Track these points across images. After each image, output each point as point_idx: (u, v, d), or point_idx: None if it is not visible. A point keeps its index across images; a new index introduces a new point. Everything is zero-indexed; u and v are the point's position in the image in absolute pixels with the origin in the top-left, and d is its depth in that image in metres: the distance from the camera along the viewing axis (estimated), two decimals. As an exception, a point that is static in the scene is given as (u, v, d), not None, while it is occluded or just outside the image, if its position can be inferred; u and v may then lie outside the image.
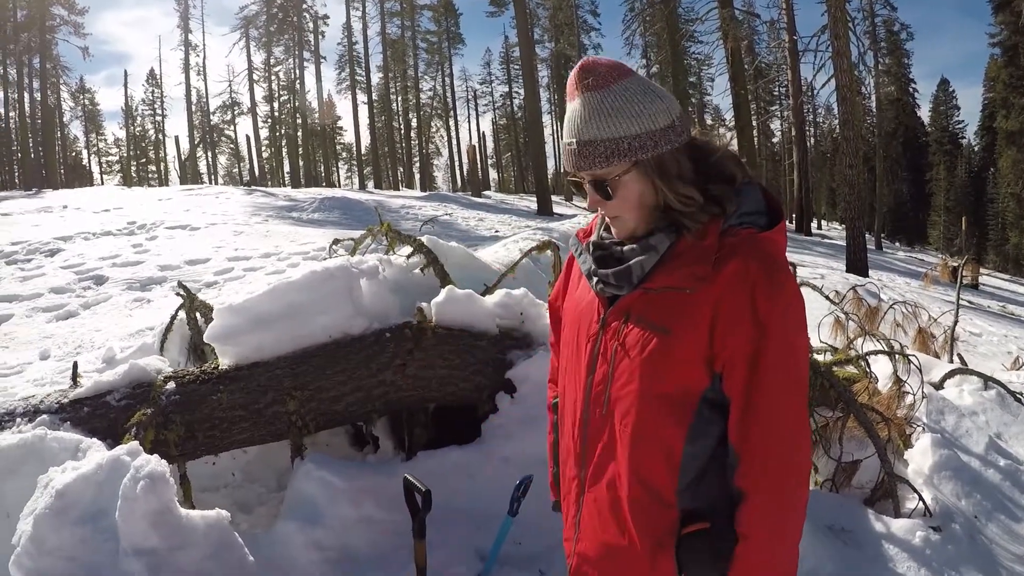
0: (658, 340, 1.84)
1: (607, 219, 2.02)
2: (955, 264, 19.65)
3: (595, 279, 2.01)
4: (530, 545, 3.79)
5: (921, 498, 4.44)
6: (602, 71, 1.85)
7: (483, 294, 4.74)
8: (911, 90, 64.57)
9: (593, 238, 2.09)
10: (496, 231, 20.28)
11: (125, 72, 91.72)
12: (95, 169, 77.86)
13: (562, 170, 2.04)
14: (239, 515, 4.39)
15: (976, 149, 66.18)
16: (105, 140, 79.34)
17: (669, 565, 1.89)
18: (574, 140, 1.85)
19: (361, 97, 62.22)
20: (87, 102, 73.85)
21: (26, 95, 54.40)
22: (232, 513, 3.51)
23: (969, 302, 15.79)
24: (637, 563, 1.95)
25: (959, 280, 10.13)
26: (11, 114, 56.42)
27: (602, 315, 1.99)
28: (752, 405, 1.80)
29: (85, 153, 77.56)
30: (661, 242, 1.87)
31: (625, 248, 1.94)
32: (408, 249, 5.21)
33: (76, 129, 74.02)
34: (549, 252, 5.59)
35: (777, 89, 59.98)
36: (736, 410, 1.82)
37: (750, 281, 1.76)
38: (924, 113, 68.61)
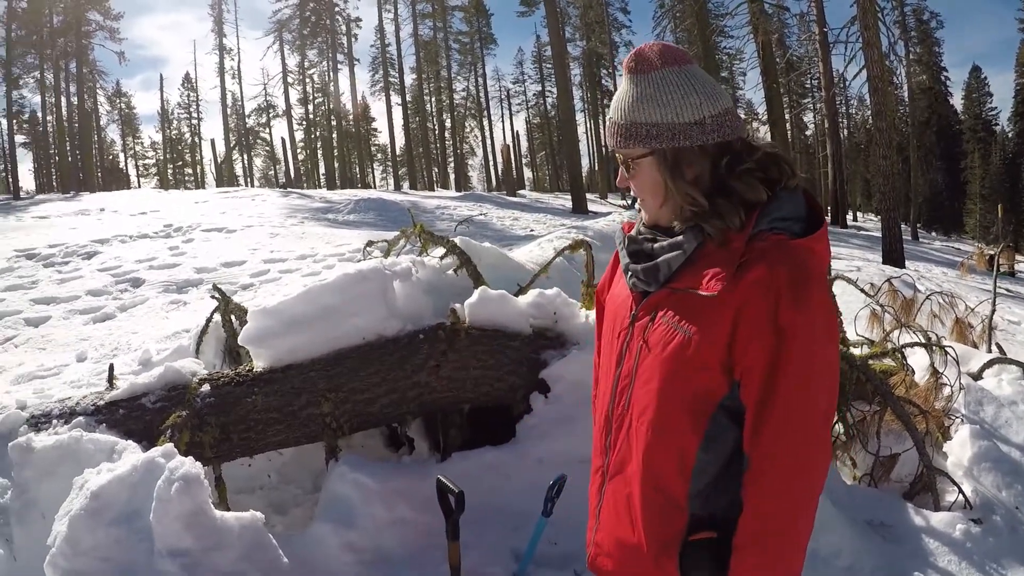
0: (679, 340, 1.84)
1: (638, 204, 2.06)
2: (991, 252, 19.41)
3: (629, 273, 2.01)
4: (565, 545, 3.77)
5: (961, 491, 4.39)
6: (649, 57, 1.89)
7: (516, 294, 4.72)
8: (943, 78, 63.92)
9: (631, 232, 2.09)
10: (531, 230, 20.26)
11: (161, 76, 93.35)
12: (132, 172, 78.83)
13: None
14: (274, 517, 4.41)
15: (1010, 135, 65.24)
16: (141, 143, 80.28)
17: (672, 570, 1.89)
18: (618, 115, 1.91)
19: (395, 98, 62.45)
20: (123, 106, 74.62)
21: (63, 99, 54.95)
22: (268, 515, 3.53)
23: (1007, 290, 15.61)
24: (643, 562, 1.95)
25: (995, 268, 10.01)
26: (49, 118, 57.06)
27: (633, 311, 2.00)
28: (764, 415, 1.76)
29: (122, 156, 78.48)
30: (689, 242, 1.86)
31: (656, 245, 1.95)
32: (441, 250, 5.20)
33: (113, 133, 74.85)
34: (582, 251, 5.55)
35: (809, 81, 59.58)
36: (750, 418, 1.80)
37: (774, 288, 1.72)
38: (957, 101, 68.14)
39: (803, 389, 1.75)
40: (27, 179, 60.85)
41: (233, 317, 5.57)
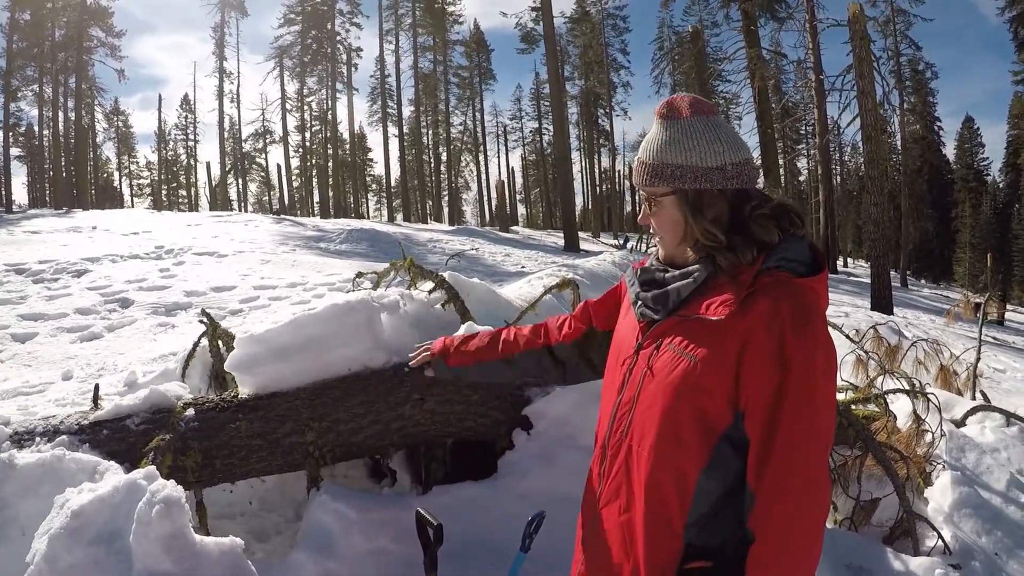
0: (685, 366, 1.93)
1: (656, 242, 2.20)
2: (978, 300, 19.50)
3: (638, 303, 2.14)
4: (543, 582, 3.79)
5: (940, 536, 4.41)
6: (680, 106, 2.06)
7: (503, 330, 4.75)
8: (936, 128, 64.57)
9: (645, 265, 2.22)
10: (522, 267, 20.37)
11: (159, 96, 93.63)
12: (126, 191, 79.08)
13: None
14: (255, 543, 4.41)
15: (1001, 186, 65.84)
16: (137, 163, 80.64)
17: None
18: (647, 155, 2.06)
19: (392, 130, 62.71)
20: (121, 124, 74.99)
21: (61, 114, 54.98)
22: (248, 541, 3.53)
23: (994, 338, 15.69)
24: None
25: (981, 317, 10.07)
26: (45, 132, 57.18)
27: (639, 340, 2.12)
28: (769, 446, 1.82)
29: (117, 175, 78.74)
30: (700, 272, 1.99)
31: (667, 275, 2.08)
32: (430, 284, 5.23)
33: (109, 150, 75.09)
34: (570, 290, 5.60)
35: (804, 128, 60.14)
36: (754, 449, 1.86)
37: (779, 321, 1.83)
38: (949, 151, 68.94)
39: (809, 421, 1.83)
40: (20, 193, 61.07)
41: (220, 342, 5.57)
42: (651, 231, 2.16)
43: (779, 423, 1.81)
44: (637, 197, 2.27)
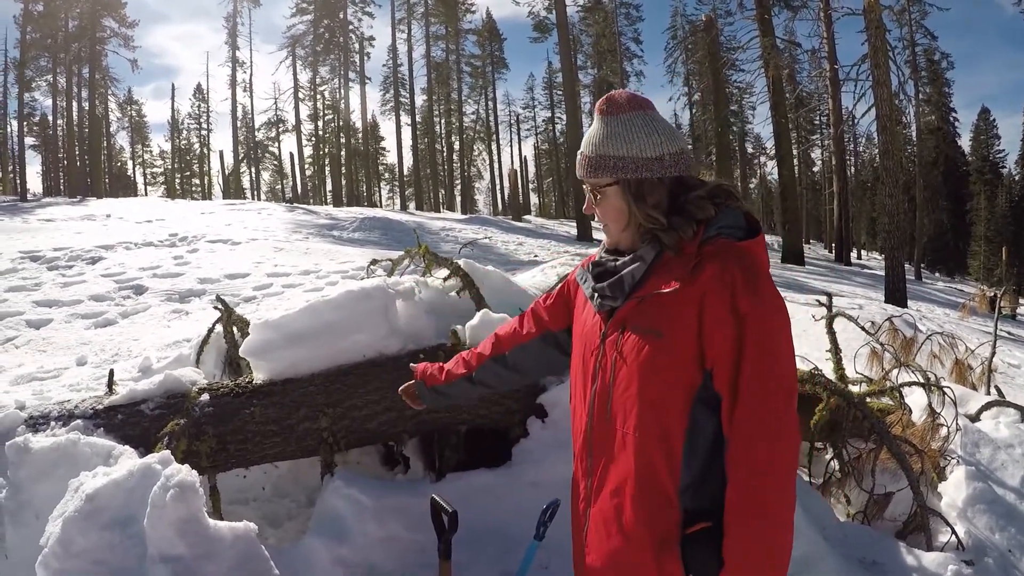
0: (651, 343, 2.03)
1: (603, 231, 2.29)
2: (993, 294, 19.37)
3: (595, 296, 2.24)
4: (557, 569, 3.78)
5: (954, 531, 4.38)
6: (618, 102, 2.19)
7: (517, 318, 4.73)
8: (951, 119, 63.88)
9: (595, 259, 2.35)
10: (535, 255, 20.35)
11: (172, 86, 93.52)
12: (139, 180, 79.21)
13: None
14: (267, 529, 4.42)
15: (1017, 178, 65.56)
16: (150, 152, 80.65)
17: (675, 566, 2.00)
18: (589, 148, 2.18)
19: (405, 119, 62.48)
20: (134, 113, 75.13)
21: (74, 104, 55.07)
22: (260, 527, 3.53)
23: (1008, 333, 15.56)
24: (643, 568, 2.05)
25: (996, 311, 10.01)
26: (59, 122, 57.27)
27: (602, 330, 2.19)
28: (736, 394, 1.95)
29: (130, 164, 78.86)
30: (647, 253, 2.12)
31: (618, 263, 2.19)
32: (445, 272, 5.21)
33: (122, 140, 75.24)
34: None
35: (818, 118, 59.85)
36: (726, 403, 1.97)
37: (728, 281, 1.95)
38: (965, 142, 68.32)
39: (769, 368, 1.95)
40: (35, 181, 61.26)
41: (235, 328, 5.58)
42: (595, 220, 2.29)
43: (742, 372, 1.94)
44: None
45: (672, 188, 2.13)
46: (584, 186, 2.25)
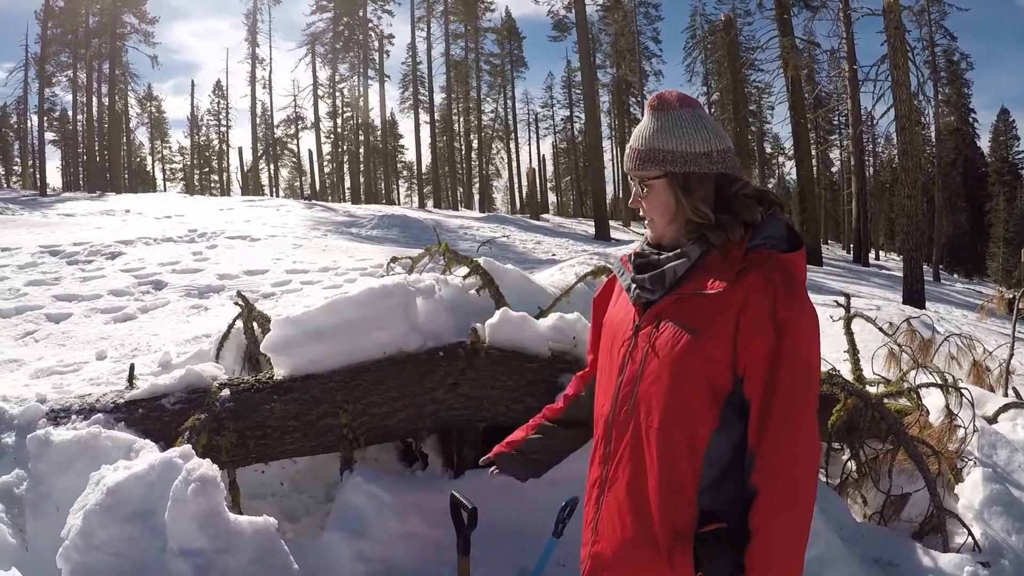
0: (687, 340, 2.06)
1: (646, 225, 2.32)
2: (1011, 296, 19.24)
3: (633, 287, 2.27)
4: (574, 566, 3.78)
5: (970, 533, 4.37)
6: (669, 99, 2.21)
7: (537, 317, 4.74)
8: (971, 120, 63.56)
9: (637, 250, 2.35)
10: (553, 254, 20.37)
11: (192, 82, 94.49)
12: (158, 176, 79.67)
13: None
14: (285, 524, 4.43)
15: (1036, 179, 65.05)
16: (170, 148, 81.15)
17: (686, 561, 2.02)
18: (640, 142, 2.19)
19: (423, 117, 62.74)
20: (154, 109, 75.56)
21: (94, 100, 55.37)
22: (278, 521, 3.55)
23: (1027, 335, 15.45)
24: (655, 561, 2.09)
25: (1015, 312, 9.95)
26: (79, 117, 57.50)
27: (636, 322, 2.22)
28: (770, 406, 1.98)
29: (149, 159, 79.33)
30: (693, 251, 2.14)
31: (662, 257, 2.20)
32: (464, 270, 5.23)
33: (142, 135, 75.79)
34: (603, 277, 5.57)
35: (837, 118, 59.62)
36: (755, 410, 2.01)
37: (771, 291, 1.99)
38: (984, 143, 68.14)
39: (802, 379, 2.01)
40: (54, 176, 61.41)
41: (255, 324, 5.61)
42: (640, 214, 2.28)
43: (777, 382, 1.98)
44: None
45: (718, 184, 2.17)
46: (631, 180, 2.28)
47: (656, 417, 2.09)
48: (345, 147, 69.16)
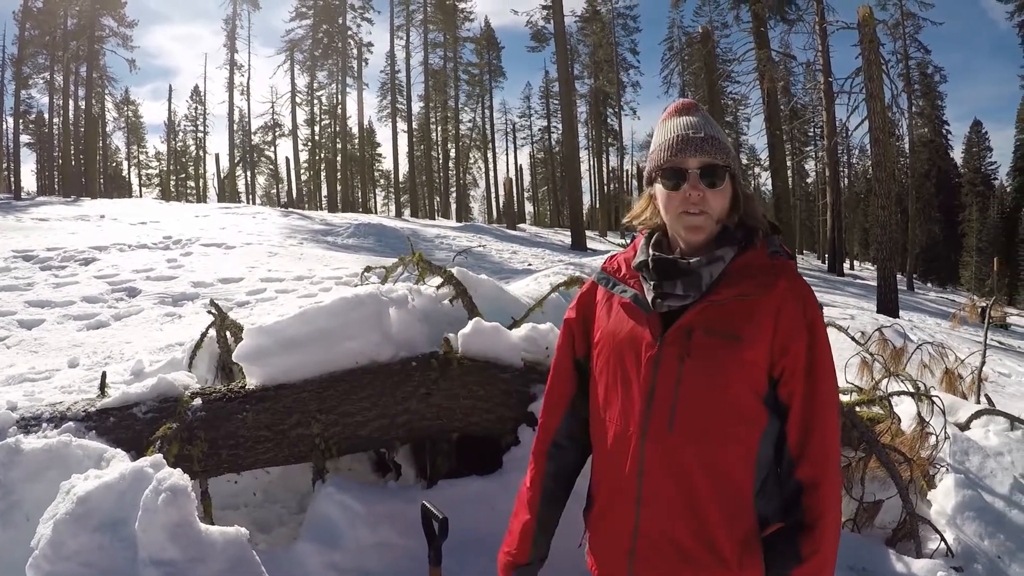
0: (730, 347, 2.01)
1: (678, 228, 2.12)
2: (983, 304, 19.46)
3: (653, 294, 2.11)
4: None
5: (943, 538, 4.42)
6: (692, 103, 2.19)
7: (510, 327, 4.75)
8: (944, 132, 64.39)
9: (641, 258, 2.19)
10: (528, 264, 20.41)
11: (170, 87, 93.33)
12: (134, 181, 79.15)
13: (663, 160, 2.03)
14: (258, 534, 4.42)
15: (1009, 190, 65.98)
16: (146, 153, 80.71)
17: (756, 567, 2.03)
18: (701, 132, 2.08)
19: (401, 125, 62.48)
20: (131, 114, 75.21)
21: (71, 103, 54.99)
22: (251, 532, 3.54)
23: (999, 342, 15.62)
24: (719, 572, 2.03)
25: (986, 321, 10.05)
26: (55, 120, 57.25)
27: (658, 336, 2.07)
28: (813, 402, 2.02)
29: (125, 164, 78.78)
30: (727, 254, 2.09)
31: (692, 261, 2.07)
32: (438, 280, 5.24)
33: (118, 140, 75.34)
34: (577, 288, 5.60)
35: (812, 130, 60.10)
36: (797, 408, 2.04)
37: (800, 294, 2.05)
38: (957, 154, 69.38)
39: (832, 376, 2.08)
40: (29, 180, 61.02)
41: (228, 333, 5.58)
42: (691, 211, 2.06)
43: (817, 383, 2.03)
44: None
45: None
46: (687, 175, 2.05)
47: (707, 427, 2.00)
48: (322, 155, 69.09)
